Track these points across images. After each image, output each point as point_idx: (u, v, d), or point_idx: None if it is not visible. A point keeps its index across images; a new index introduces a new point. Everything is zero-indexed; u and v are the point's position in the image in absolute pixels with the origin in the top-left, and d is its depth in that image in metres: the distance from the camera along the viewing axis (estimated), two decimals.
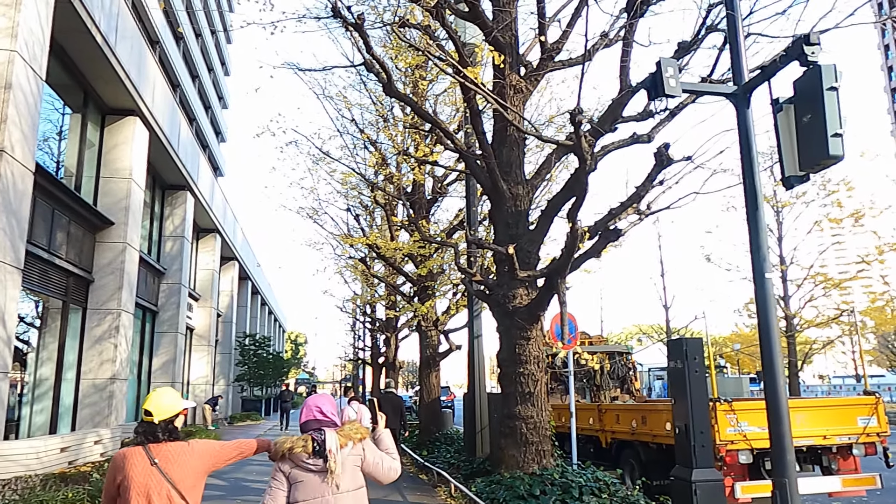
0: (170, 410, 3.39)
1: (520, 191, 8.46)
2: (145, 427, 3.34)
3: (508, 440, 8.02)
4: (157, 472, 3.20)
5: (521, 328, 8.02)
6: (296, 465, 3.26)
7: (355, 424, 3.46)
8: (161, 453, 3.26)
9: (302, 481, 3.23)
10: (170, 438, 3.35)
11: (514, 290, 8.19)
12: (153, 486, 3.19)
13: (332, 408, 3.49)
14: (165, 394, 3.45)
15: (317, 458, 3.23)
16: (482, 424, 11.89)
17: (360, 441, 3.38)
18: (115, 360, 15.20)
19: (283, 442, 3.32)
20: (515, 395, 8.02)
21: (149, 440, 3.30)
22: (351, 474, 3.30)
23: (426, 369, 16.02)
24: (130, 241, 15.99)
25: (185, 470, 3.27)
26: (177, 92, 31.31)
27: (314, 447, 3.24)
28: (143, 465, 3.20)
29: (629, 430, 9.94)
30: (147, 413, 3.35)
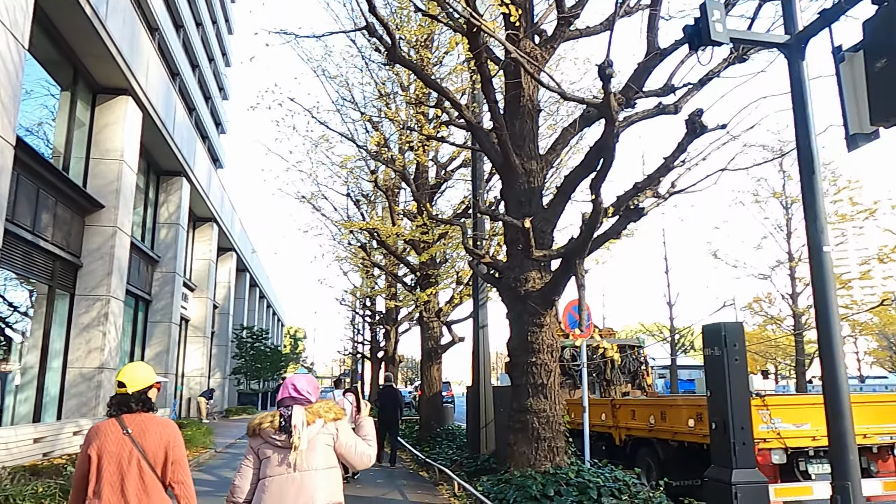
0: (143, 382, 3.47)
1: (533, 166, 7.81)
2: (119, 398, 3.42)
3: (519, 436, 7.39)
4: (129, 441, 3.29)
5: (533, 314, 7.39)
6: (264, 440, 3.24)
7: (329, 403, 3.40)
8: (134, 423, 3.35)
9: (269, 457, 3.20)
10: (143, 409, 3.43)
11: (526, 273, 7.55)
12: (125, 455, 3.27)
13: (307, 385, 3.43)
14: (138, 366, 3.55)
15: (283, 434, 3.19)
16: (487, 419, 11.26)
17: (334, 421, 3.32)
18: (104, 349, 14.58)
19: (254, 418, 3.33)
20: (527, 386, 7.39)
21: (122, 411, 3.39)
22: (322, 453, 3.25)
23: (428, 362, 15.38)
24: (121, 226, 15.34)
25: (156, 440, 3.34)
26: (176, 81, 30.60)
27: (281, 423, 3.20)
28: (116, 435, 3.30)
29: (646, 426, 9.31)
30: (120, 385, 3.42)
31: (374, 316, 32.38)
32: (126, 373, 3.48)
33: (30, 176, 12.25)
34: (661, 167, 6.41)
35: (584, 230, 6.24)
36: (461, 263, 15.33)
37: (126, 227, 15.73)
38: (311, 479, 3.17)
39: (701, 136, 6.04)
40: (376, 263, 16.26)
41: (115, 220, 15.14)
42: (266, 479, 3.18)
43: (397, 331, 26.50)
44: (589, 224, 6.05)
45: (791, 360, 34.41)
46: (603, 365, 13.07)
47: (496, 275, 7.92)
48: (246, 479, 3.25)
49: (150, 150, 19.65)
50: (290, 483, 3.15)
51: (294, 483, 3.15)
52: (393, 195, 15.25)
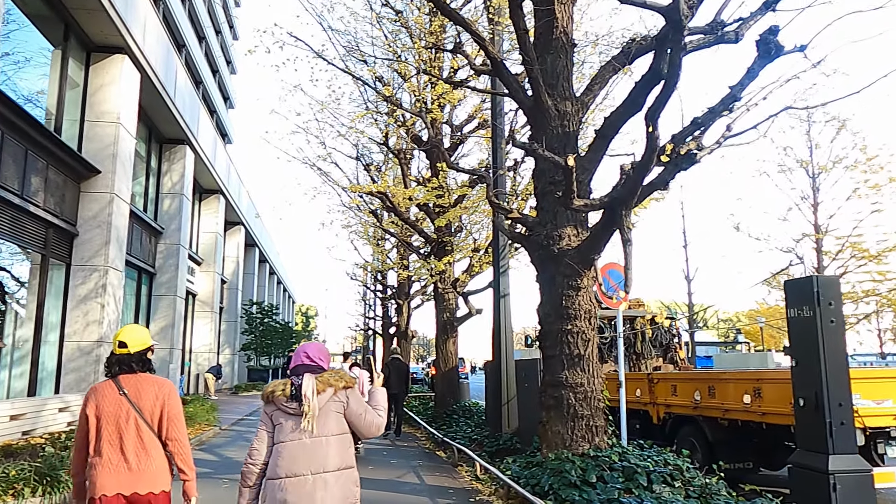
0: (143, 343, 3.57)
1: (567, 108, 6.85)
2: (119, 358, 3.47)
3: (552, 413, 6.51)
4: (126, 401, 3.38)
5: (569, 275, 6.47)
6: (277, 407, 3.30)
7: (340, 372, 3.43)
8: (130, 383, 3.43)
9: (280, 423, 3.28)
10: (143, 369, 3.52)
11: (560, 229, 6.63)
12: (122, 415, 3.37)
13: (318, 353, 3.48)
14: (137, 328, 3.65)
15: (294, 402, 3.26)
16: (509, 395, 10.41)
17: (345, 389, 3.37)
18: (103, 322, 13.84)
19: (267, 386, 3.37)
20: (562, 357, 6.50)
21: (123, 370, 3.45)
22: (333, 420, 3.31)
23: (443, 336, 14.53)
24: (119, 192, 14.51)
25: (152, 399, 3.43)
26: (182, 52, 29.60)
27: (292, 391, 3.27)
28: (113, 396, 3.39)
29: (690, 403, 8.42)
30: (122, 345, 3.48)
31: (386, 291, 31.60)
32: (126, 333, 3.55)
33: (17, 136, 11.42)
34: (727, 97, 5.43)
35: (634, 173, 5.29)
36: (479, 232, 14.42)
37: (124, 194, 14.90)
38: (321, 445, 3.24)
39: (776, 58, 5.06)
40: (388, 231, 15.36)
41: (111, 186, 14.31)
42: (279, 444, 3.25)
43: (409, 305, 25.69)
44: (642, 164, 5.11)
45: None
46: (633, 337, 12.17)
47: (525, 233, 7.00)
48: (263, 443, 3.30)
49: (150, 116, 18.77)
50: (301, 449, 3.21)
51: (305, 449, 3.21)
52: (405, 159, 14.30)
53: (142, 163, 19.35)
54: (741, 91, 5.33)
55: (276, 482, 3.18)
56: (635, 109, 6.22)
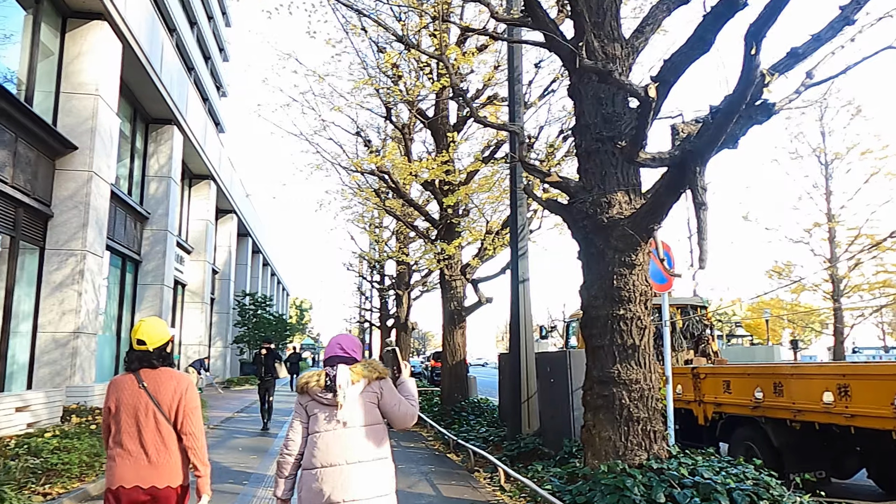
0: (161, 338, 3.62)
1: (616, 51, 5.73)
2: (139, 355, 3.56)
3: (600, 416, 5.42)
4: (145, 394, 3.48)
5: (622, 250, 5.37)
6: (312, 398, 3.32)
7: (373, 362, 3.46)
8: (150, 377, 3.52)
9: (315, 414, 3.29)
10: (164, 364, 3.60)
11: (610, 195, 5.53)
12: (141, 407, 3.46)
13: (352, 344, 3.51)
14: (155, 322, 3.66)
15: (328, 392, 3.28)
16: (528, 392, 9.32)
17: (378, 380, 3.39)
18: (80, 311, 12.69)
19: (302, 377, 3.38)
20: (612, 349, 5.40)
21: (143, 366, 3.54)
22: (367, 410, 3.31)
23: (450, 326, 13.42)
24: (98, 171, 13.33)
25: (171, 393, 3.51)
26: (173, 37, 28.31)
27: (327, 382, 3.29)
28: (132, 389, 3.49)
29: (749, 401, 7.34)
30: (140, 342, 3.55)
31: (383, 281, 30.49)
32: (144, 330, 3.58)
33: None
34: (836, 20, 4.32)
35: (720, 115, 4.18)
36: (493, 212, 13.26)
37: (104, 173, 13.72)
38: (355, 435, 3.24)
39: None
40: (390, 211, 14.20)
41: (90, 163, 13.13)
42: (314, 434, 3.27)
43: (410, 296, 24.60)
44: (734, 100, 3.99)
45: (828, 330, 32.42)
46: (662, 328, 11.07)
47: (565, 200, 5.88)
48: (298, 433, 3.32)
49: (134, 92, 17.57)
50: (335, 439, 3.22)
51: (340, 439, 3.22)
52: (409, 134, 13.15)
53: (126, 143, 18.16)
54: (857, 10, 4.22)
55: (312, 472, 3.20)
56: (703, 49, 5.09)
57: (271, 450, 10.47)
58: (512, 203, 9.82)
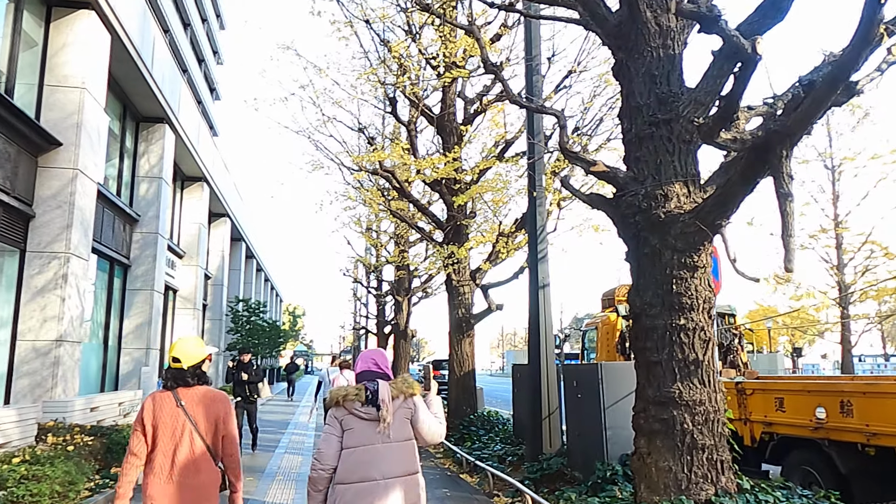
0: (197, 357, 3.65)
1: (671, 22, 5.01)
2: (174, 373, 3.59)
3: (657, 442, 4.67)
4: (182, 413, 3.48)
5: (682, 250, 4.64)
6: (348, 412, 3.30)
7: (408, 379, 3.48)
8: (187, 396, 3.55)
9: (352, 428, 3.27)
10: (199, 382, 3.62)
11: (667, 186, 4.79)
12: (177, 426, 3.46)
13: (385, 360, 3.53)
14: (190, 340, 3.76)
15: (369, 407, 3.27)
16: (550, 408, 8.56)
17: (412, 396, 3.41)
18: (63, 318, 11.87)
19: (337, 390, 3.36)
20: (672, 364, 4.66)
21: (178, 384, 3.56)
22: (401, 426, 3.34)
23: (458, 334, 12.65)
24: (83, 168, 12.52)
25: (208, 413, 3.54)
26: (166, 37, 27.53)
27: (367, 396, 3.29)
28: (171, 407, 3.49)
29: (809, 421, 6.59)
30: (175, 360, 3.58)
31: (381, 287, 29.66)
32: (180, 348, 3.62)
33: None
34: None
35: (826, 82, 3.46)
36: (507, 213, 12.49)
37: (91, 172, 12.90)
38: (391, 450, 3.26)
39: None
40: (396, 213, 13.41)
41: (74, 160, 12.32)
42: (350, 449, 3.25)
43: (410, 301, 23.80)
44: (847, 62, 3.27)
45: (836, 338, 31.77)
46: None
47: (611, 194, 5.14)
48: (332, 446, 3.27)
49: (123, 88, 16.76)
50: (373, 454, 3.23)
51: (376, 454, 3.23)
52: (415, 130, 12.41)
53: (115, 142, 17.35)
54: None
55: (348, 486, 3.19)
56: (777, 16, 4.38)
57: (267, 470, 9.71)
58: (530, 202, 9.09)
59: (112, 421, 10.30)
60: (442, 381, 28.60)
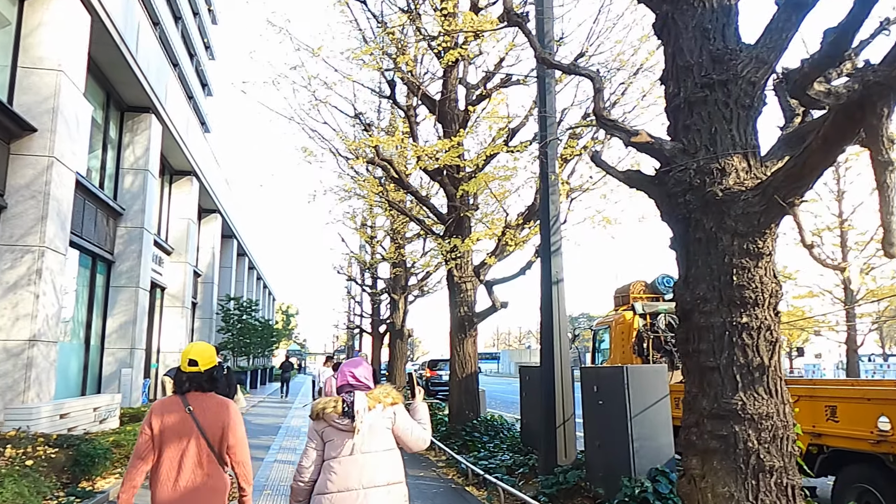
0: (211, 361, 3.63)
1: None
2: (190, 376, 3.54)
3: (715, 463, 3.92)
4: (191, 419, 3.44)
5: (743, 234, 3.89)
6: (328, 424, 3.33)
7: (387, 388, 3.49)
8: (197, 402, 3.51)
9: (332, 440, 3.31)
10: (211, 388, 3.59)
11: (724, 160, 4.04)
12: (185, 432, 3.42)
13: (365, 373, 3.53)
14: (204, 345, 3.69)
15: (346, 419, 3.30)
16: (565, 415, 7.80)
17: (392, 405, 3.43)
18: (37, 316, 11.07)
19: (317, 403, 3.40)
20: (732, 370, 3.91)
21: (194, 388, 3.53)
22: (381, 436, 3.34)
23: (460, 334, 11.88)
24: (60, 157, 11.71)
25: (215, 419, 3.49)
26: (156, 30, 26.63)
27: (344, 408, 3.31)
28: (179, 412, 3.46)
29: (870, 433, 5.86)
30: (192, 363, 3.54)
31: (376, 285, 28.86)
32: (197, 351, 3.59)
33: None
34: None
35: None
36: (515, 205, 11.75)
37: (68, 160, 12.08)
38: (372, 460, 3.27)
39: None
40: (394, 204, 12.60)
41: (50, 148, 11.51)
42: (331, 460, 3.28)
43: (406, 300, 23.02)
44: None
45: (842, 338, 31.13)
46: None
47: (658, 170, 4.38)
48: (311, 459, 3.32)
49: (106, 74, 15.94)
50: (353, 464, 3.24)
51: (357, 464, 3.24)
52: (413, 115, 11.63)
53: (98, 132, 16.53)
54: None
55: (328, 496, 3.22)
56: None
57: (255, 483, 8.93)
58: (543, 191, 8.32)
59: (85, 429, 9.48)
60: (439, 381, 27.87)
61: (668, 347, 9.56)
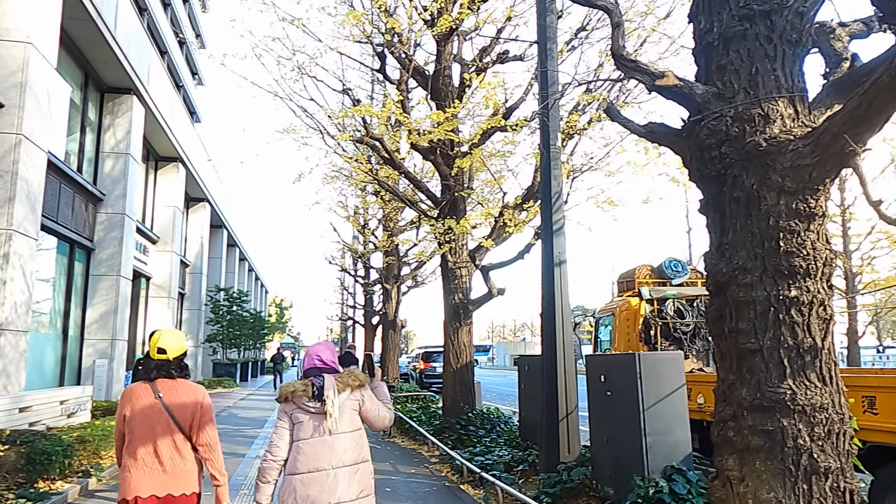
0: (181, 348, 3.65)
1: None
2: (159, 363, 3.56)
3: (757, 463, 3.30)
4: (160, 405, 3.47)
5: (791, 191, 3.27)
6: (297, 407, 3.40)
7: (354, 371, 3.55)
8: (166, 388, 3.52)
9: (302, 422, 3.37)
10: (181, 375, 3.61)
11: (767, 104, 3.40)
12: (155, 417, 3.45)
13: (331, 355, 3.60)
14: (174, 332, 3.70)
15: (316, 401, 3.37)
16: (568, 407, 7.18)
17: (359, 388, 3.51)
18: (4, 304, 10.43)
19: (286, 386, 3.45)
20: (779, 353, 3.28)
21: (162, 376, 3.54)
22: (349, 417, 3.43)
23: (454, 322, 11.24)
24: (29, 134, 11.00)
25: (186, 404, 3.52)
26: (144, 17, 25.78)
27: (314, 391, 3.38)
28: (149, 399, 3.47)
29: None
30: (161, 351, 3.57)
31: (369, 275, 28.19)
32: (166, 339, 3.60)
33: None
34: None
35: None
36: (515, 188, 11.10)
37: (38, 138, 11.37)
38: (340, 441, 3.35)
39: None
40: (384, 184, 11.88)
41: (18, 125, 10.81)
42: (300, 441, 3.35)
43: (399, 290, 22.38)
44: None
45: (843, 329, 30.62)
46: None
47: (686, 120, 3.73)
48: (283, 440, 3.37)
49: (83, 52, 15.20)
50: (322, 445, 3.32)
51: (326, 445, 3.33)
52: (405, 90, 10.95)
53: (77, 114, 15.81)
54: None
55: (299, 477, 3.28)
56: None
57: (233, 480, 8.31)
58: (544, 165, 7.67)
59: (49, 423, 8.81)
60: (433, 373, 27.22)
61: (678, 335, 8.97)
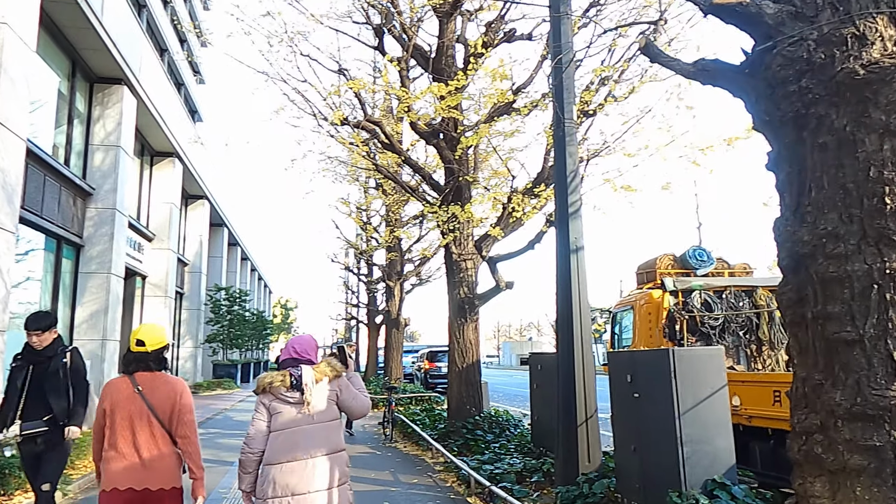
0: (160, 341, 3.66)
1: None
2: (137, 356, 3.59)
3: (855, 488, 2.54)
4: (139, 398, 3.51)
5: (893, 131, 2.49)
6: (275, 397, 3.48)
7: (332, 362, 3.60)
8: (145, 381, 3.56)
9: (280, 412, 3.46)
10: (159, 368, 3.64)
11: (864, 21, 2.63)
12: (135, 411, 3.49)
13: (308, 347, 3.65)
14: (155, 326, 3.76)
15: (294, 391, 3.45)
16: (588, 411, 6.40)
17: (336, 378, 3.58)
18: None
19: (264, 377, 3.52)
20: (885, 344, 2.53)
21: (140, 368, 3.58)
22: (326, 407, 3.50)
23: (459, 318, 10.47)
24: (4, 121, 10.28)
25: (165, 397, 3.56)
26: (143, 14, 25.11)
27: (292, 381, 3.46)
28: (128, 392, 3.52)
29: None
30: (139, 343, 3.59)
31: (372, 272, 27.46)
32: (145, 332, 3.64)
33: None
34: None
35: None
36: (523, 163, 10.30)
37: (15, 125, 10.65)
38: (317, 430, 3.43)
39: None
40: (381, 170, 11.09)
41: None
42: (278, 431, 3.41)
43: (402, 287, 21.63)
44: None
45: None
46: (757, 318, 8.28)
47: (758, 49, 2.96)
48: (260, 430, 3.44)
49: (70, 39, 14.50)
50: (301, 434, 3.40)
51: (304, 434, 3.40)
52: (405, 69, 10.19)
53: (64, 104, 15.10)
54: None
55: (278, 466, 3.34)
56: None
57: (214, 493, 7.57)
58: (557, 141, 6.89)
59: None
60: (438, 373, 26.46)
61: (706, 330, 8.19)
